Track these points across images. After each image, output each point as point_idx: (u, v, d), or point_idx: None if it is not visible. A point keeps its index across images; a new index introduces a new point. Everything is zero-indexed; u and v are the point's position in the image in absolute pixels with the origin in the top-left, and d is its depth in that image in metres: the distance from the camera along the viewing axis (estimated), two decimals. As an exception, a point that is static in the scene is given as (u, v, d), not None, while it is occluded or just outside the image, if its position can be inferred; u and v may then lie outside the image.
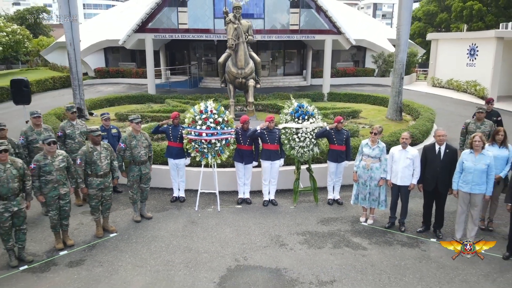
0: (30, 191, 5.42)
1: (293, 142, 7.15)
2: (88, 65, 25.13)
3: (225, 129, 7.07)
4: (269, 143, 7.19)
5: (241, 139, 7.25)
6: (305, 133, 7.13)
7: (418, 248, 5.88)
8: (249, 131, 7.21)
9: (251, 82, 11.82)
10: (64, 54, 27.49)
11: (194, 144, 7.01)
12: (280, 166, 7.45)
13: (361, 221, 6.73)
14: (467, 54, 21.25)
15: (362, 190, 6.52)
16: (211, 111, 7.01)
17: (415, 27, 41.06)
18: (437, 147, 6.03)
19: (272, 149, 7.21)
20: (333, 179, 7.44)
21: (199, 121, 6.94)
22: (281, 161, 7.43)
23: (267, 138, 7.19)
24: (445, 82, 22.82)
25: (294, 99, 7.60)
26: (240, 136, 7.25)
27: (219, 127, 7.01)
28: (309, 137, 7.16)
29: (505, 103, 17.74)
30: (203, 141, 6.95)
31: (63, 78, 24.11)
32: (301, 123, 7.13)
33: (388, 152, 6.53)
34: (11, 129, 6.61)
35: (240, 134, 7.25)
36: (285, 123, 7.21)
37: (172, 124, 7.34)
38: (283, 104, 7.85)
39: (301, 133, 7.12)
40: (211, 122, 6.93)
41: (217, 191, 7.32)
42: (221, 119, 7.02)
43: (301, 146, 7.17)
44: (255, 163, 7.50)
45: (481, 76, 19.65)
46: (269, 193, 7.50)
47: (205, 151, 7.03)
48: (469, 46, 21.03)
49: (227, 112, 7.36)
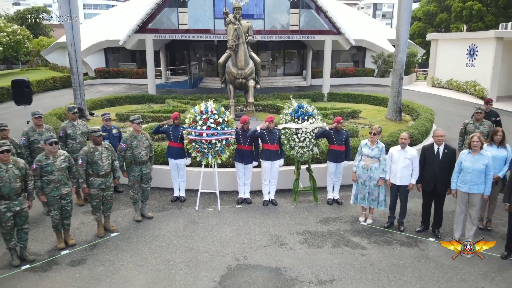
0: (32, 191, 5.46)
1: (293, 142, 7.19)
2: (89, 65, 25.17)
3: (226, 129, 7.10)
4: (269, 143, 7.22)
5: (241, 139, 7.28)
6: (304, 133, 7.16)
7: (417, 247, 5.91)
8: (249, 131, 7.24)
9: (251, 83, 11.87)
10: (65, 54, 27.64)
11: (194, 144, 7.05)
12: (280, 166, 7.50)
13: (361, 220, 6.77)
14: (466, 54, 21.28)
15: (362, 190, 6.56)
16: (212, 111, 7.05)
17: (415, 27, 41.07)
18: (435, 147, 6.06)
19: (272, 149, 7.25)
20: (333, 179, 7.47)
21: (199, 122, 6.98)
22: (281, 161, 7.46)
23: (267, 138, 7.23)
24: (444, 82, 22.85)
25: (293, 99, 7.64)
26: (240, 136, 7.28)
27: (219, 128, 7.04)
28: (309, 137, 7.20)
29: (504, 103, 17.78)
30: (203, 141, 6.99)
31: (63, 78, 24.16)
32: (301, 124, 7.17)
33: (387, 152, 6.56)
34: (12, 129, 6.64)
35: (240, 134, 7.29)
36: (285, 123, 7.24)
37: (172, 125, 7.38)
38: (283, 104, 7.89)
39: (301, 134, 7.16)
40: (211, 123, 6.97)
41: (217, 191, 7.36)
42: (221, 120, 7.06)
43: (301, 146, 7.20)
44: (255, 163, 7.53)
45: (481, 76, 19.68)
46: (269, 193, 7.54)
47: (205, 151, 7.07)
48: (469, 46, 21.06)
49: (227, 112, 7.39)
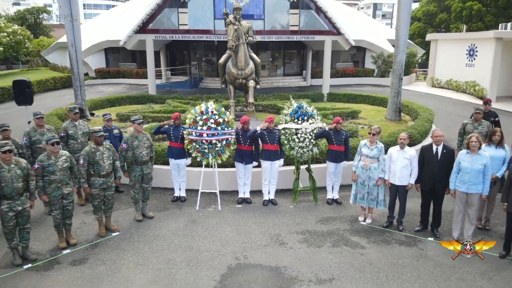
0: (34, 191, 5.50)
1: (292, 142, 7.23)
2: (89, 66, 25.21)
3: (226, 129, 7.15)
4: (269, 143, 7.26)
5: (241, 139, 7.32)
6: (304, 133, 7.20)
7: (416, 247, 5.96)
8: (249, 131, 7.28)
9: (251, 83, 11.91)
10: (65, 54, 27.68)
11: (195, 144, 7.10)
12: (280, 166, 7.54)
13: (360, 220, 6.81)
14: (466, 54, 21.32)
15: (361, 189, 6.60)
16: (212, 112, 7.09)
17: (415, 27, 41.10)
18: (434, 147, 6.10)
19: (272, 149, 7.29)
20: (332, 179, 7.51)
21: (200, 122, 7.03)
22: (281, 161, 7.50)
23: (267, 139, 7.27)
24: (444, 83, 22.89)
25: (293, 99, 7.68)
26: (241, 137, 7.33)
27: (219, 128, 7.09)
28: (309, 138, 7.24)
29: (504, 103, 17.83)
30: (204, 141, 7.03)
31: (63, 79, 24.22)
32: (301, 124, 7.21)
33: (386, 152, 6.60)
34: (13, 129, 6.66)
35: (241, 134, 7.33)
36: (285, 123, 7.28)
37: (173, 125, 7.42)
38: (283, 104, 7.91)
39: (301, 134, 7.20)
40: (211, 123, 7.02)
41: (217, 190, 7.40)
42: (221, 120, 7.10)
43: (301, 147, 7.24)
44: (255, 163, 7.57)
45: (480, 77, 19.72)
46: (269, 192, 7.58)
47: (205, 151, 7.11)
48: (468, 47, 21.10)
49: (228, 112, 7.44)
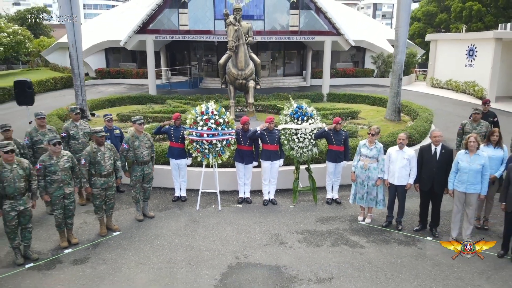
0: (36, 191, 5.54)
1: (292, 142, 7.27)
2: (89, 66, 25.25)
3: (226, 130, 7.19)
4: (269, 143, 7.30)
5: (241, 139, 7.37)
6: (304, 133, 7.25)
7: (415, 246, 6.00)
8: (249, 132, 7.32)
9: (251, 83, 11.95)
10: (65, 55, 27.72)
11: (195, 144, 7.14)
12: (279, 166, 7.58)
13: (359, 220, 6.85)
14: (466, 54, 21.36)
15: (360, 189, 6.64)
16: (212, 112, 7.13)
17: (415, 28, 41.14)
18: (433, 147, 6.14)
19: (272, 149, 7.33)
20: (332, 179, 7.56)
21: (200, 122, 7.07)
22: (281, 161, 7.54)
23: (267, 139, 7.31)
24: (444, 83, 22.93)
25: (293, 100, 7.73)
26: (241, 137, 7.37)
27: (220, 128, 7.13)
28: (308, 138, 7.28)
29: (503, 103, 17.87)
30: (204, 141, 7.07)
31: (64, 79, 24.26)
32: (300, 124, 7.25)
33: (385, 152, 6.65)
34: (14, 129, 6.68)
35: (241, 134, 7.37)
36: (285, 124, 7.32)
37: (173, 125, 7.46)
38: (282, 105, 7.96)
39: (300, 134, 7.24)
40: (212, 123, 7.06)
41: (218, 190, 7.45)
42: (222, 120, 7.14)
43: (301, 147, 7.28)
44: (255, 163, 7.61)
45: (480, 77, 19.77)
46: (269, 192, 7.62)
47: (206, 151, 7.15)
48: (468, 47, 21.15)
49: (228, 113, 7.48)
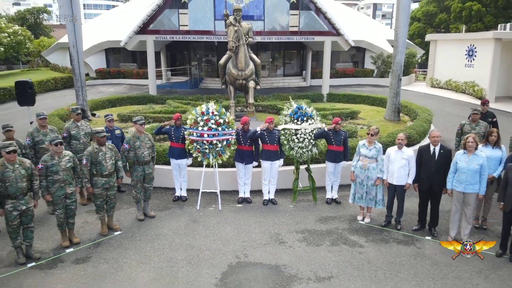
0: (38, 190, 5.58)
1: (292, 142, 7.31)
2: (90, 66, 25.28)
3: (226, 130, 7.23)
4: (269, 143, 7.35)
5: (241, 140, 7.41)
6: (304, 134, 7.29)
7: (413, 245, 6.04)
8: (249, 132, 7.36)
9: (251, 84, 12.00)
10: (65, 55, 27.78)
11: (196, 144, 7.18)
12: (279, 166, 7.62)
13: (358, 219, 6.90)
14: (465, 55, 21.40)
15: (359, 189, 6.69)
16: (213, 112, 7.18)
17: (415, 28, 41.18)
18: (431, 147, 6.19)
19: (272, 149, 7.37)
20: (331, 178, 7.60)
21: (200, 123, 7.11)
22: (281, 161, 7.59)
23: (267, 139, 7.35)
24: (443, 83, 22.97)
25: (293, 100, 7.77)
26: (241, 137, 7.41)
27: (220, 128, 7.17)
28: (308, 138, 7.32)
29: (502, 103, 17.91)
30: (204, 141, 7.11)
31: (64, 79, 24.29)
32: (300, 124, 7.30)
33: (384, 152, 6.69)
34: (15, 129, 6.74)
35: (241, 135, 7.41)
36: (285, 124, 7.37)
37: (174, 125, 7.50)
38: (282, 105, 8.01)
39: (300, 134, 7.28)
40: (212, 124, 7.10)
41: (218, 190, 7.49)
42: (222, 121, 7.19)
43: (300, 147, 7.33)
44: (255, 163, 7.65)
45: (479, 77, 19.80)
46: (269, 192, 7.66)
47: (206, 151, 7.19)
48: (468, 47, 21.19)
49: (228, 113, 7.53)
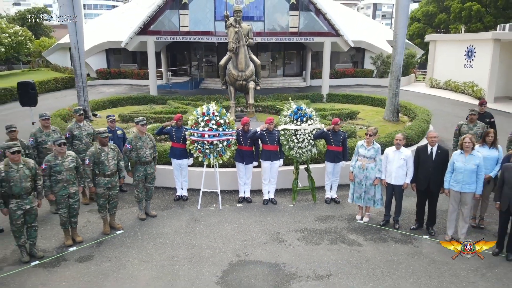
0: (41, 190, 5.67)
1: (292, 143, 7.39)
2: (90, 66, 25.34)
3: (227, 130, 7.31)
4: (269, 144, 7.42)
5: (242, 140, 7.49)
6: (303, 134, 7.37)
7: (411, 244, 6.13)
8: (249, 132, 7.44)
9: (251, 84, 12.08)
10: (66, 55, 27.89)
11: (196, 145, 7.26)
12: (279, 166, 7.70)
13: (357, 219, 6.98)
14: (465, 55, 21.47)
15: (358, 189, 6.77)
16: (213, 113, 7.26)
17: (414, 28, 41.25)
18: (429, 148, 6.27)
19: (271, 149, 7.45)
20: (331, 178, 7.68)
21: (201, 123, 7.19)
22: (280, 161, 7.67)
23: (267, 139, 7.43)
24: (443, 83, 23.04)
25: (292, 101, 7.85)
26: (241, 137, 7.49)
27: (221, 129, 7.25)
28: (307, 138, 7.40)
29: (502, 104, 18.00)
30: (205, 142, 7.19)
31: (65, 79, 24.36)
32: (300, 125, 7.37)
33: (383, 152, 6.78)
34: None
35: (241, 135, 7.49)
36: (284, 124, 7.44)
37: (175, 126, 7.58)
38: (282, 105, 8.09)
39: (300, 135, 7.36)
40: (213, 124, 7.18)
41: (218, 190, 7.57)
42: (222, 121, 7.26)
43: (300, 147, 7.41)
44: (255, 163, 7.73)
45: (479, 77, 19.88)
46: (268, 192, 7.74)
47: (207, 151, 7.27)
48: (467, 48, 21.26)
49: (228, 114, 7.61)
